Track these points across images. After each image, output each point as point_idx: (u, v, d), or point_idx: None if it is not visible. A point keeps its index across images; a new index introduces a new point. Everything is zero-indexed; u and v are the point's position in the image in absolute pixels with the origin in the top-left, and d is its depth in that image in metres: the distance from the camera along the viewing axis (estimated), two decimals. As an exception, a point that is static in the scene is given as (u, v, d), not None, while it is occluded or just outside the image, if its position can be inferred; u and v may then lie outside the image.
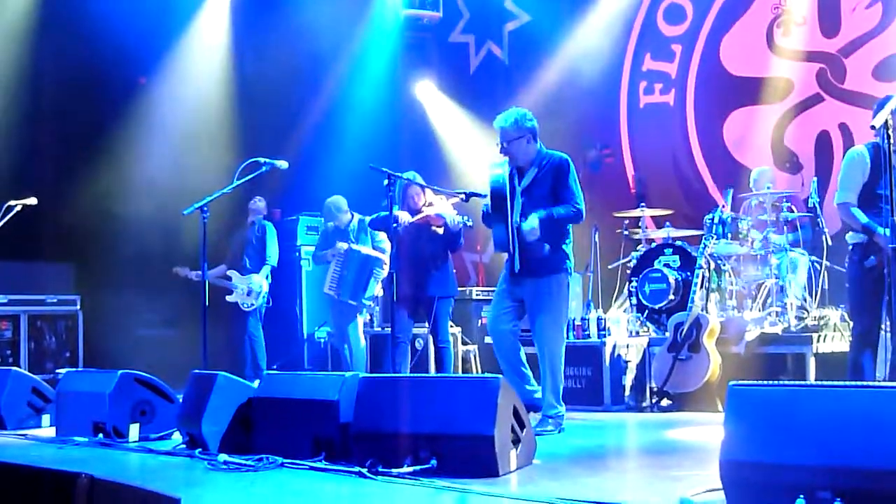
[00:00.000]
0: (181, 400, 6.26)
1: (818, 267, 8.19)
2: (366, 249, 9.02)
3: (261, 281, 9.74)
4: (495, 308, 6.54)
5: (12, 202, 8.06)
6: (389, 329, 7.33)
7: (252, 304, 9.68)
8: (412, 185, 7.57)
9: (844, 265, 6.27)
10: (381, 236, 8.72)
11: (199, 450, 5.58)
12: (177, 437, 6.15)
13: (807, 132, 9.98)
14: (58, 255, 10.76)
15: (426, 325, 7.74)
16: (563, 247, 6.37)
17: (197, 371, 6.31)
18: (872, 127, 5.20)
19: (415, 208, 7.59)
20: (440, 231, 7.52)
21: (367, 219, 8.34)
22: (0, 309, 9.87)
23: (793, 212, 8.30)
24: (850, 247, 6.03)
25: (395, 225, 6.99)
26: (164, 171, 10.99)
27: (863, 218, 5.83)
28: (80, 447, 6.20)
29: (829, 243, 7.95)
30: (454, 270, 7.84)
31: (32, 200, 8.15)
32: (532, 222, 6.17)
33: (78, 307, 10.39)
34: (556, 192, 6.31)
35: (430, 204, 7.66)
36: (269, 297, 9.85)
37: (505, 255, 6.46)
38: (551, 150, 6.47)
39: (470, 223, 7.51)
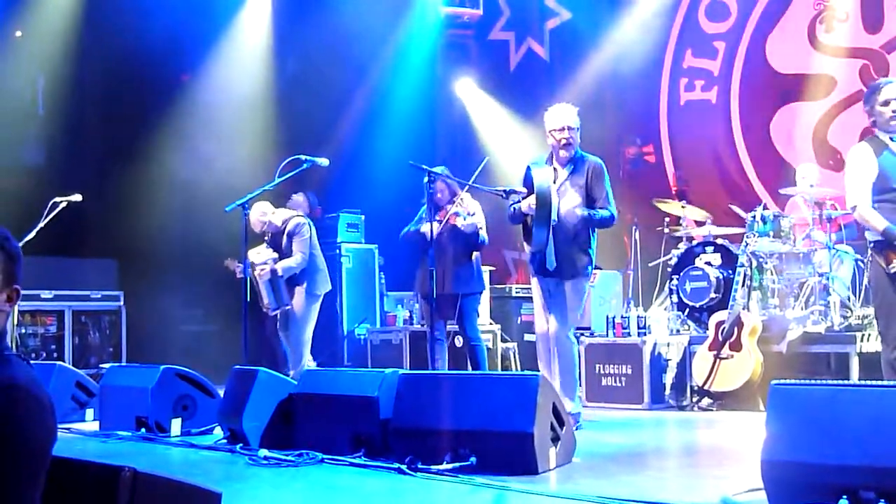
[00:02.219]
0: (222, 395, 6.32)
1: (862, 265, 8.09)
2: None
3: None
4: (539, 316, 6.64)
5: (58, 199, 8.15)
6: (428, 326, 7.36)
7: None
8: (438, 179, 7.52)
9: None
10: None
11: (240, 445, 5.63)
12: (218, 431, 6.20)
13: (850, 129, 9.85)
14: (102, 251, 10.87)
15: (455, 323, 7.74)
16: (590, 251, 6.46)
17: (238, 367, 6.36)
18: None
19: (439, 204, 7.56)
20: (463, 226, 7.49)
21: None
22: (45, 304, 9.99)
23: (836, 210, 8.20)
24: (871, 244, 5.61)
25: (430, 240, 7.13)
26: (206, 168, 11.07)
27: (880, 222, 5.30)
28: (123, 441, 6.27)
29: (874, 241, 7.83)
30: (481, 267, 7.79)
31: (77, 197, 8.24)
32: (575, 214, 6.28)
33: (121, 303, 10.50)
34: (590, 193, 6.37)
35: (452, 201, 7.59)
36: None
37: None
38: (586, 151, 6.54)
39: (482, 225, 7.51)
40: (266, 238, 8.54)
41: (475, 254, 7.62)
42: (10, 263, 2.09)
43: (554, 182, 6.34)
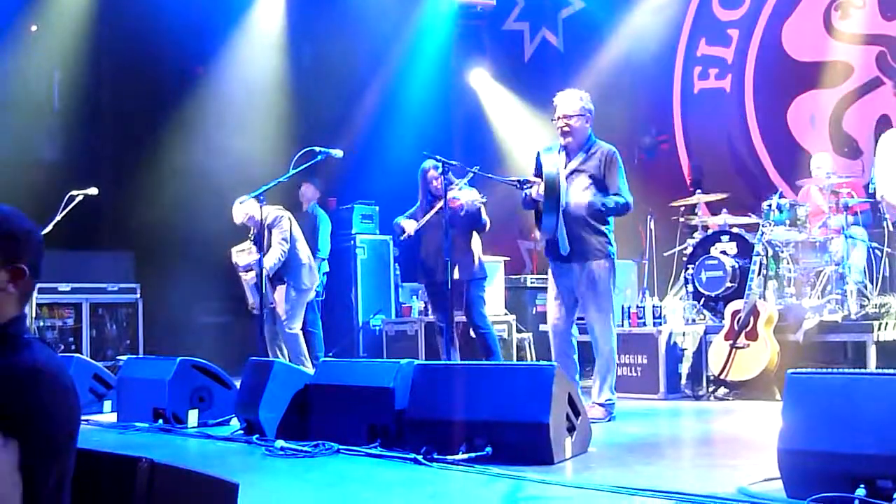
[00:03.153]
0: (239, 386, 6.34)
1: (878, 253, 8.05)
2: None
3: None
4: (551, 307, 6.53)
5: (74, 192, 8.18)
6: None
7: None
8: (432, 168, 7.51)
9: None
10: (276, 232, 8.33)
11: (257, 436, 5.65)
12: (234, 423, 6.23)
13: (866, 117, 9.81)
14: (118, 243, 10.92)
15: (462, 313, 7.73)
16: (608, 232, 6.36)
17: (254, 358, 6.38)
18: None
19: (435, 193, 7.53)
20: (461, 214, 7.44)
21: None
22: (63, 297, 10.05)
23: (853, 197, 8.16)
24: None
25: (401, 237, 7.36)
26: (221, 159, 11.09)
27: None
28: (141, 432, 6.31)
29: (891, 229, 7.80)
30: (480, 255, 7.75)
31: (93, 190, 8.27)
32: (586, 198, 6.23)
33: (138, 295, 10.54)
34: (604, 181, 6.30)
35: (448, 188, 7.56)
36: (322, 290, 9.81)
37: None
38: (600, 139, 6.46)
39: (484, 199, 7.48)
40: (250, 234, 8.46)
41: (475, 241, 7.59)
42: (10, 242, 2.08)
43: (565, 167, 6.29)
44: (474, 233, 7.60)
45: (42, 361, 1.96)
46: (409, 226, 7.52)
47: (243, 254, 8.33)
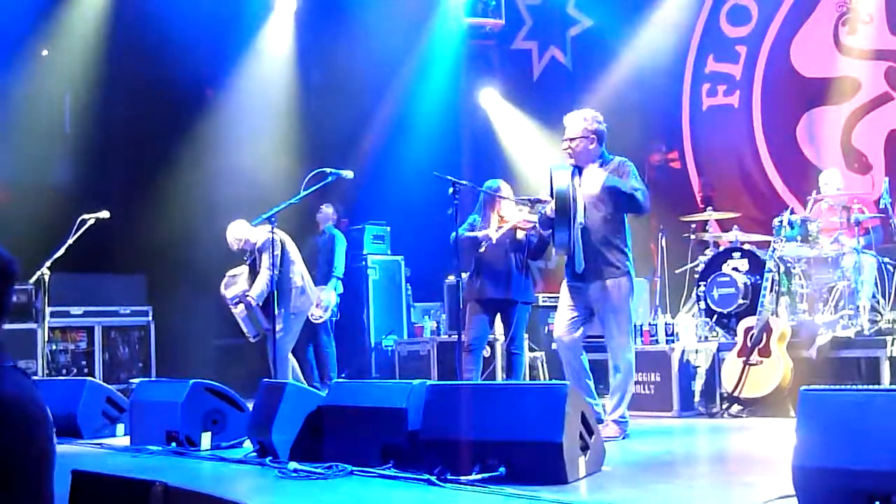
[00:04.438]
0: (251, 409, 6.34)
1: (891, 269, 8.03)
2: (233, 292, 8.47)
3: (329, 295, 9.74)
4: (560, 317, 6.50)
5: (85, 216, 8.22)
6: (456, 336, 7.36)
7: (320, 317, 9.67)
8: (502, 188, 7.66)
9: None
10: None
11: (270, 458, 5.64)
12: (247, 445, 6.22)
13: (876, 132, 9.80)
14: (130, 266, 10.95)
15: (493, 333, 7.77)
16: (625, 248, 6.33)
17: (267, 380, 6.37)
18: None
19: (502, 214, 7.63)
20: (521, 237, 7.56)
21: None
22: (75, 320, 10.08)
23: (864, 213, 8.15)
24: None
25: (483, 246, 7.34)
26: (232, 182, 11.13)
27: None
28: (154, 455, 6.30)
29: (904, 244, 7.80)
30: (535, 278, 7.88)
31: (105, 214, 8.30)
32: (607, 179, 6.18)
33: (150, 318, 10.57)
34: None
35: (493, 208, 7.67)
36: (337, 310, 9.83)
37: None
38: (613, 154, 6.46)
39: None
40: (246, 259, 8.46)
41: (531, 263, 7.71)
42: None
43: (580, 186, 6.28)
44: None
45: (8, 392, 1.95)
46: (493, 233, 7.50)
47: (234, 286, 8.28)
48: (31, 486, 1.93)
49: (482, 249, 7.46)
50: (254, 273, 8.28)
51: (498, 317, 7.79)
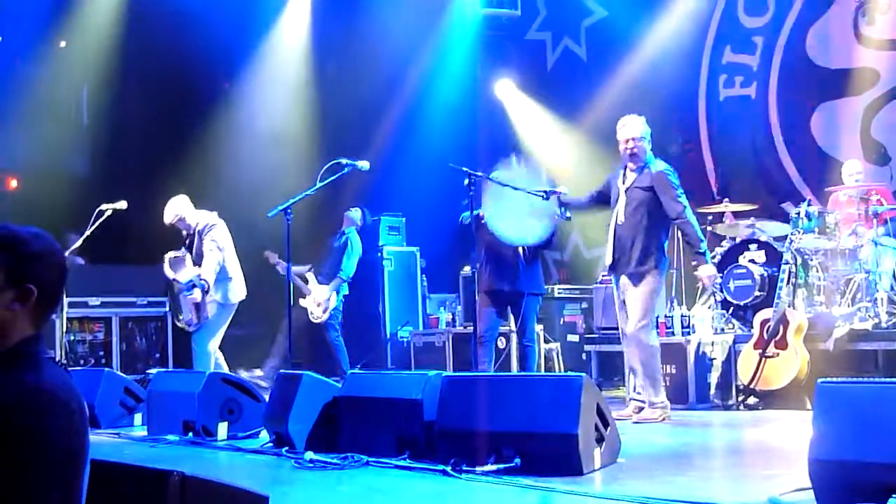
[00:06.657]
0: (268, 399, 6.36)
1: (909, 260, 7.98)
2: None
3: (328, 294, 9.75)
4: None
5: (103, 206, 8.24)
6: (472, 328, 7.36)
7: (319, 318, 9.68)
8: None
9: None
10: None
11: (286, 448, 5.66)
12: (264, 435, 6.25)
13: (894, 122, 9.74)
14: (147, 257, 10.97)
15: (507, 324, 7.76)
16: (656, 245, 6.77)
17: (283, 371, 6.39)
18: None
19: None
20: None
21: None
22: (93, 311, 10.11)
23: (882, 205, 8.10)
24: None
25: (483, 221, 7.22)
26: (248, 173, 11.15)
27: None
28: (171, 445, 6.33)
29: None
30: (541, 270, 7.88)
31: (122, 204, 8.32)
32: (708, 269, 6.92)
33: (167, 309, 10.59)
34: (661, 200, 6.75)
35: None
36: (339, 311, 9.87)
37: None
38: (651, 157, 6.91)
39: (569, 215, 7.57)
40: (184, 241, 8.36)
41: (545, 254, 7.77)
42: (19, 262, 2.05)
43: (623, 183, 6.89)
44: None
45: (47, 383, 1.96)
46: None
47: (184, 270, 8.14)
48: (69, 476, 1.94)
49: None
50: (190, 252, 8.20)
51: (510, 308, 7.80)
